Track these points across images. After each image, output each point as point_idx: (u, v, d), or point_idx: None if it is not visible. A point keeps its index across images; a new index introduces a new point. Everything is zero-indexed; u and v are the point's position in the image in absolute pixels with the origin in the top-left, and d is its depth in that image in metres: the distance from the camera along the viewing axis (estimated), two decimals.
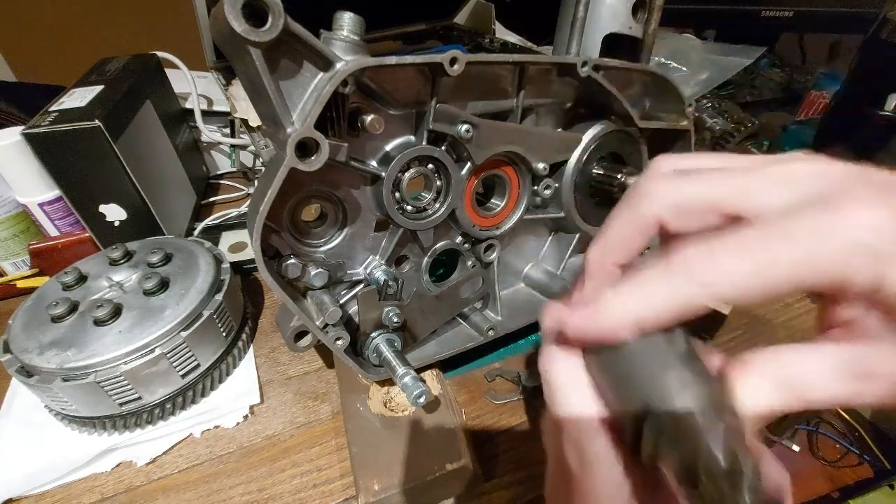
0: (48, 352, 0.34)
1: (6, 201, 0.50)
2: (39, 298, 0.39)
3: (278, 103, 0.25)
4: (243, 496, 0.33)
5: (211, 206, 0.68)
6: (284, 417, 0.39)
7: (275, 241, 0.31)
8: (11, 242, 0.51)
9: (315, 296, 0.33)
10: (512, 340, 0.44)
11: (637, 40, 0.50)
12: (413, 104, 0.31)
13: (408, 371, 0.33)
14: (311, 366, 0.43)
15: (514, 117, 0.36)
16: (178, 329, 0.37)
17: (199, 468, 0.35)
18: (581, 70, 0.34)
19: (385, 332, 0.36)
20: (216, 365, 0.40)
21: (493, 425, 0.37)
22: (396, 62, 0.27)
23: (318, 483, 0.34)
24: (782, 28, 1.02)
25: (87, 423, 0.36)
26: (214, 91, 0.71)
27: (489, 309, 0.43)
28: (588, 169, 0.41)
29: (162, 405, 0.37)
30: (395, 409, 0.36)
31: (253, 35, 0.22)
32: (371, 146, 0.31)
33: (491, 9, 1.00)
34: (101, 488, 0.34)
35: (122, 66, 0.56)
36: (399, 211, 0.33)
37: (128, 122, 0.49)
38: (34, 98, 0.64)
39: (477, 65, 0.30)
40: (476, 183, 0.36)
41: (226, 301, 0.40)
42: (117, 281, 0.40)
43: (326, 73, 0.25)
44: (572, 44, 0.44)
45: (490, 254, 0.40)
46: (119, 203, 0.48)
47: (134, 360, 0.34)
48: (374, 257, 0.35)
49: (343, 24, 0.26)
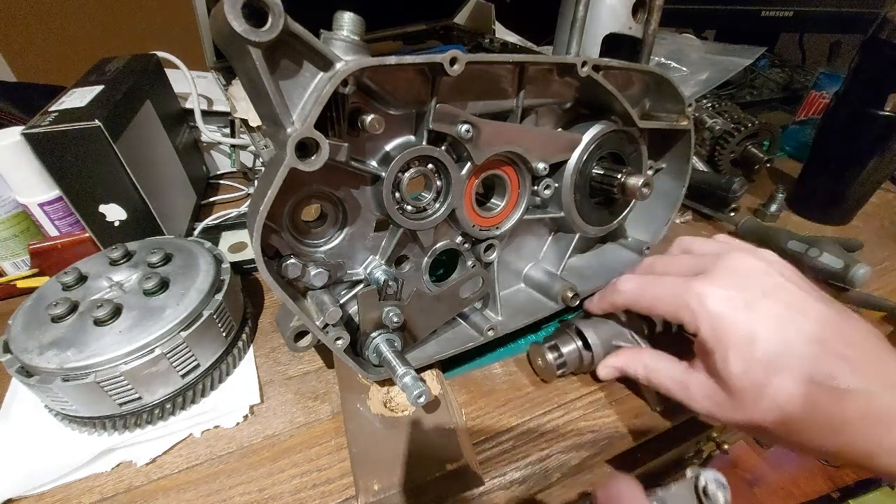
0: (48, 352, 0.34)
1: (6, 201, 0.50)
2: (39, 298, 0.39)
3: (278, 103, 0.25)
4: (243, 496, 0.33)
5: (211, 206, 0.68)
6: (284, 417, 0.39)
7: (275, 241, 0.31)
8: (11, 242, 0.51)
9: (315, 296, 0.33)
10: (512, 340, 0.44)
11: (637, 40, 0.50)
12: (413, 104, 0.31)
13: (408, 371, 0.33)
14: (311, 366, 0.43)
15: (514, 117, 0.36)
16: (178, 329, 0.37)
17: (199, 468, 0.35)
18: (581, 70, 0.34)
19: (385, 332, 0.36)
20: (216, 365, 0.40)
21: (493, 425, 0.37)
22: (396, 62, 0.27)
23: (318, 483, 0.34)
24: (782, 28, 1.02)
25: (87, 423, 0.36)
26: (214, 91, 0.71)
27: (489, 309, 0.43)
28: (588, 169, 0.41)
29: (162, 405, 0.37)
30: (395, 409, 0.36)
31: (253, 35, 0.22)
32: (371, 146, 0.31)
33: (491, 9, 1.00)
34: (100, 488, 0.34)
35: (122, 66, 0.56)
36: (399, 211, 0.33)
37: (128, 122, 0.48)
38: (34, 98, 0.64)
39: (477, 65, 0.30)
40: (476, 183, 0.36)
41: (226, 301, 0.40)
42: (117, 281, 0.40)
43: (326, 73, 0.25)
44: (572, 44, 0.44)
45: (490, 254, 0.40)
46: (119, 203, 0.48)
47: (134, 360, 0.34)
48: (374, 257, 0.35)
49: (343, 24, 0.26)
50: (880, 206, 0.66)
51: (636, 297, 0.34)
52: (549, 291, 0.44)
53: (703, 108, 0.73)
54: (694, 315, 0.29)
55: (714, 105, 0.74)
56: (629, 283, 0.35)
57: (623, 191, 0.41)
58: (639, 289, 0.34)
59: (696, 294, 0.29)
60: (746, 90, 0.99)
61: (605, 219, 0.46)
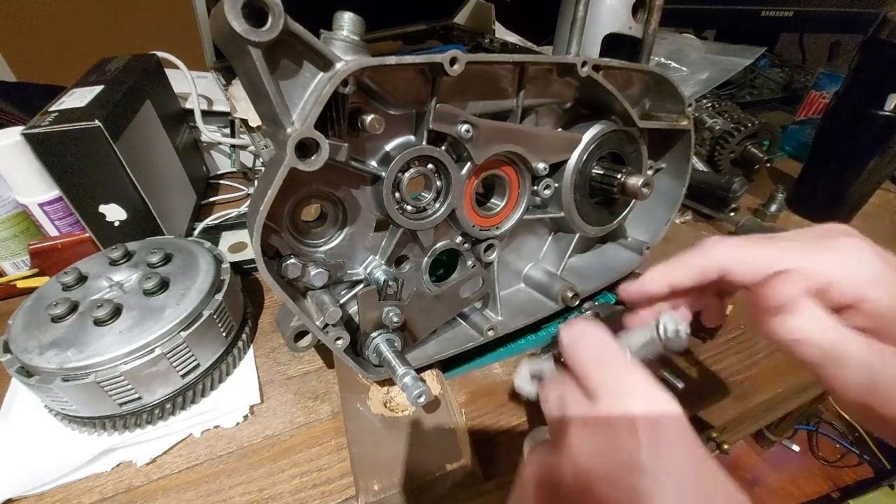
0: (48, 352, 0.34)
1: (6, 201, 0.50)
2: (39, 298, 0.39)
3: (278, 103, 0.25)
4: (243, 496, 0.33)
5: (211, 206, 0.68)
6: (284, 417, 0.39)
7: (275, 241, 0.31)
8: (11, 242, 0.51)
9: (315, 296, 0.33)
10: (512, 340, 0.44)
11: (637, 40, 0.50)
12: (413, 104, 0.31)
13: (408, 371, 0.33)
14: (311, 366, 0.43)
15: (514, 117, 0.36)
16: (178, 329, 0.37)
17: (199, 468, 0.35)
18: (581, 70, 0.34)
19: (385, 332, 0.36)
20: (216, 365, 0.40)
21: (493, 425, 0.37)
22: (396, 62, 0.27)
23: (318, 483, 0.34)
24: (782, 28, 1.02)
25: (87, 423, 0.36)
26: (214, 91, 0.71)
27: (489, 309, 0.43)
28: (588, 169, 0.41)
29: (162, 405, 0.37)
30: (395, 409, 0.36)
31: (253, 35, 0.22)
32: (371, 146, 0.31)
33: (491, 9, 1.00)
34: (100, 488, 0.34)
35: (122, 66, 0.56)
36: (399, 211, 0.33)
37: (128, 123, 0.49)
38: (34, 98, 0.64)
39: (477, 65, 0.30)
40: (476, 183, 0.36)
41: (226, 301, 0.40)
42: (117, 281, 0.40)
43: (326, 73, 0.25)
44: (572, 44, 0.44)
45: (490, 254, 0.40)
46: (119, 203, 0.48)
47: (134, 360, 0.34)
48: (374, 257, 0.35)
49: (343, 24, 0.26)
50: (880, 206, 0.66)
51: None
52: (549, 291, 0.44)
53: (703, 108, 0.73)
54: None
55: (714, 105, 0.74)
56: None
57: (623, 191, 0.40)
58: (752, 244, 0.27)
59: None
60: (746, 90, 0.99)
61: (605, 219, 0.46)
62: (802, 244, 0.25)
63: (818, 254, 0.24)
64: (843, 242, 0.25)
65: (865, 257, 0.24)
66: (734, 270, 0.26)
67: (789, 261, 0.24)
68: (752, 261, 0.25)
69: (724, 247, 0.27)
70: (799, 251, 0.25)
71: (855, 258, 0.24)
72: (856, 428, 1.19)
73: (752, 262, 0.25)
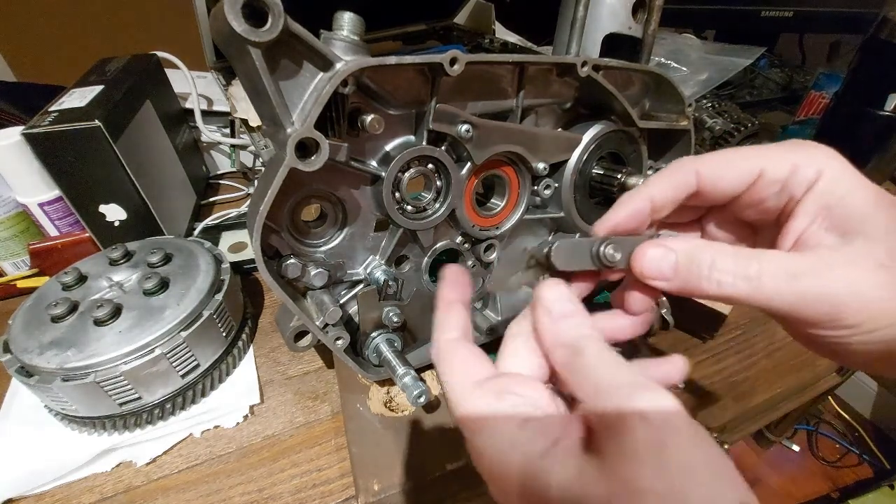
0: (48, 352, 0.34)
1: (6, 201, 0.50)
2: (39, 298, 0.39)
3: (278, 103, 0.25)
4: (243, 496, 0.33)
5: (211, 206, 0.68)
6: (284, 417, 0.39)
7: (275, 241, 0.31)
8: (11, 242, 0.51)
9: (315, 296, 0.33)
10: None
11: (637, 40, 0.50)
12: (413, 104, 0.31)
13: (408, 371, 0.33)
14: (311, 366, 0.43)
15: (514, 117, 0.36)
16: (178, 329, 0.37)
17: (199, 468, 0.35)
18: (581, 70, 0.34)
19: (385, 332, 0.36)
20: (216, 365, 0.40)
21: None
22: (396, 62, 0.27)
23: (318, 483, 0.34)
24: (782, 28, 1.02)
25: (86, 423, 0.36)
26: (214, 91, 0.71)
27: (489, 309, 0.43)
28: (588, 169, 0.41)
29: (162, 405, 0.37)
30: (395, 409, 0.36)
31: (253, 35, 0.22)
32: (371, 146, 0.31)
33: (491, 9, 1.00)
34: (100, 488, 0.34)
35: (122, 66, 0.56)
36: (399, 211, 0.33)
37: (128, 122, 0.49)
38: (34, 98, 0.64)
39: (477, 65, 0.30)
40: (476, 183, 0.36)
41: (226, 301, 0.40)
42: (117, 281, 0.40)
43: (326, 73, 0.26)
44: (572, 44, 0.44)
45: (490, 254, 0.40)
46: (119, 203, 0.48)
47: (134, 360, 0.34)
48: (374, 257, 0.35)
49: (343, 24, 0.26)
50: None
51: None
52: None
53: (703, 108, 0.73)
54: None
55: (714, 105, 0.74)
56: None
57: (623, 191, 0.40)
58: None
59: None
60: (746, 90, 0.99)
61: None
62: (770, 147, 0.26)
63: (785, 151, 0.26)
64: (811, 144, 0.26)
65: (833, 159, 0.25)
66: (703, 172, 0.26)
67: (755, 158, 0.25)
68: (720, 157, 0.26)
69: (693, 157, 0.28)
70: (766, 150, 0.26)
71: (822, 158, 0.25)
72: (856, 428, 1.19)
73: (720, 159, 0.26)
